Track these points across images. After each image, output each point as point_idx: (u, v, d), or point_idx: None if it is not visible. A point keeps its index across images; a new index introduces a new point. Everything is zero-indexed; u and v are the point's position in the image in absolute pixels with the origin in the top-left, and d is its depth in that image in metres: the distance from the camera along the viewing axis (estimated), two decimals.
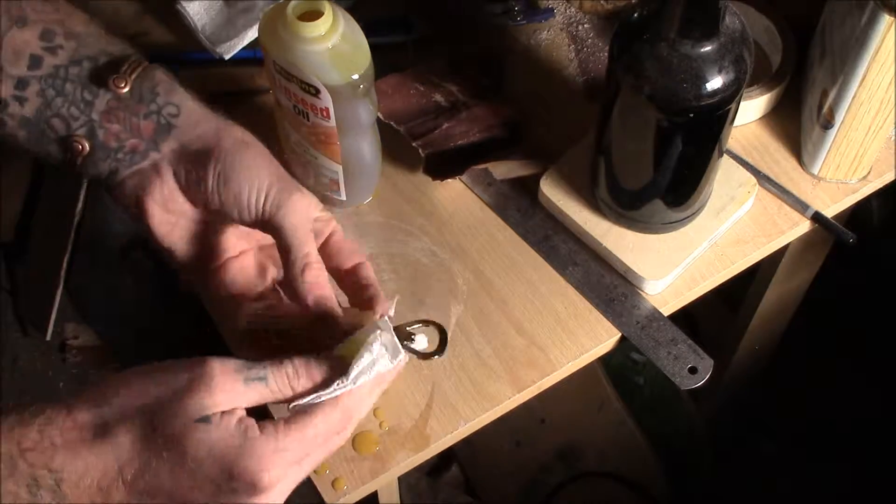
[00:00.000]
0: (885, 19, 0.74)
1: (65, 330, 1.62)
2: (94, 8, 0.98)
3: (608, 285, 0.83)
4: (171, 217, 0.71)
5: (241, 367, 0.58)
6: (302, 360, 0.60)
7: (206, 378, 0.57)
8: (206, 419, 0.56)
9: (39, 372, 1.58)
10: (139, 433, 0.56)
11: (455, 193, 0.88)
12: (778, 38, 0.91)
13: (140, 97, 0.69)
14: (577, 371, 0.82)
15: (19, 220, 1.65)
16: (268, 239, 0.72)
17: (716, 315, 1.34)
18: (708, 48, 0.69)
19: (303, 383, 0.60)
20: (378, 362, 0.62)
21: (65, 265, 1.58)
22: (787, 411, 1.45)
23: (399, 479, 0.85)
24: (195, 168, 0.69)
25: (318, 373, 0.61)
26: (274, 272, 0.75)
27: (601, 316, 0.82)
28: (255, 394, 0.58)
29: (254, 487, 0.57)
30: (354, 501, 0.76)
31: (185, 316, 1.54)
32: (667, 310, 0.83)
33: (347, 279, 0.72)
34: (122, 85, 0.68)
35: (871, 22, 0.75)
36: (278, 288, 0.74)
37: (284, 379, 0.59)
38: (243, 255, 0.74)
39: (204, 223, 0.72)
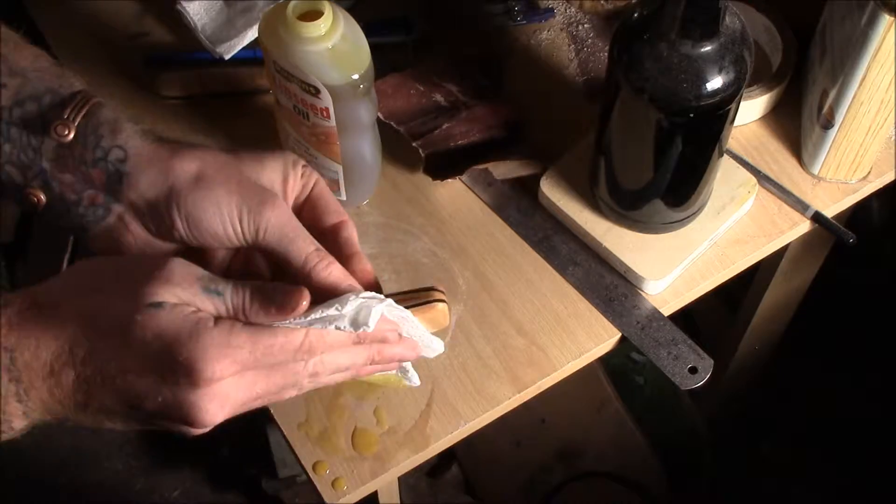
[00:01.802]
0: (885, 19, 0.74)
1: None
2: (95, 8, 0.99)
3: (608, 285, 0.83)
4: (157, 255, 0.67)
5: (203, 276, 0.57)
6: (259, 288, 0.58)
7: (165, 272, 0.56)
8: (157, 304, 0.55)
9: None
10: (88, 312, 0.56)
11: (455, 193, 0.88)
12: (778, 38, 0.91)
13: (85, 142, 0.64)
14: (577, 371, 0.82)
15: (19, 220, 1.65)
16: None
17: (716, 315, 1.34)
18: (708, 48, 0.69)
19: (256, 310, 0.58)
20: (342, 319, 0.59)
21: (65, 265, 1.58)
22: (787, 411, 1.45)
23: (399, 479, 0.85)
24: (159, 217, 0.65)
25: (273, 305, 0.58)
26: None
27: (601, 316, 0.82)
28: (210, 304, 0.57)
29: (195, 376, 0.55)
30: (354, 501, 0.76)
31: None
32: (667, 310, 0.83)
33: (327, 238, 0.67)
34: (66, 133, 0.63)
35: (871, 22, 0.75)
36: None
37: (240, 301, 0.58)
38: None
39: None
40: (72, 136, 0.63)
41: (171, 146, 0.65)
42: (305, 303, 0.57)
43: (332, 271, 0.63)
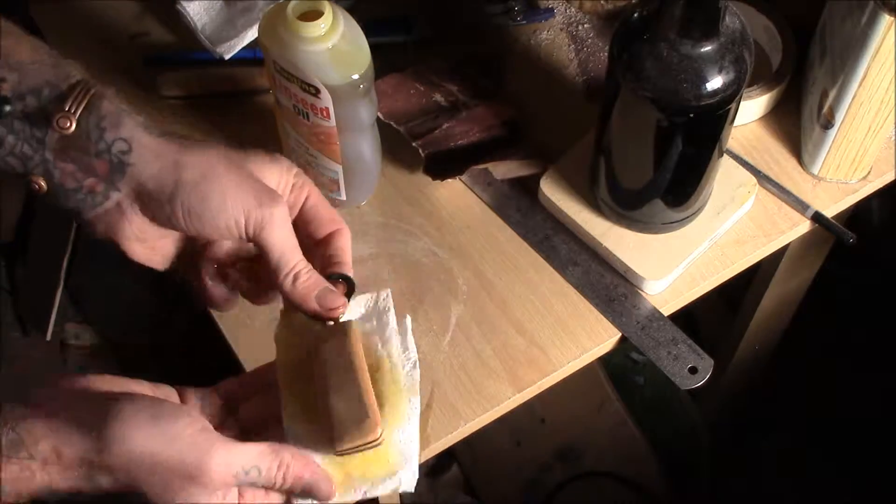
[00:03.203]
0: (885, 19, 0.74)
1: (65, 330, 1.62)
2: (95, 8, 0.99)
3: (608, 285, 0.83)
4: (149, 245, 0.69)
5: (240, 473, 0.59)
6: (297, 468, 0.62)
7: (204, 479, 0.58)
8: None
9: (39, 372, 1.58)
10: (124, 489, 0.58)
11: (455, 193, 0.88)
12: (778, 38, 0.91)
13: (88, 134, 0.65)
14: (577, 371, 0.82)
15: (19, 220, 1.65)
16: None
17: (716, 315, 1.34)
18: (708, 48, 0.69)
19: (288, 486, 0.62)
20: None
21: (65, 265, 1.58)
22: (787, 411, 1.45)
23: None
24: (160, 206, 0.65)
25: (306, 485, 0.62)
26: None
27: (601, 316, 0.82)
28: (243, 485, 0.61)
29: None
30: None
31: (184, 316, 1.54)
32: (667, 310, 0.83)
33: (319, 249, 0.69)
34: (67, 125, 0.64)
35: (871, 22, 0.75)
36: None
37: (272, 480, 0.61)
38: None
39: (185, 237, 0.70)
40: (73, 128, 0.64)
41: (179, 141, 0.66)
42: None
43: (309, 280, 0.66)
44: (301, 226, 0.69)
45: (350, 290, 0.67)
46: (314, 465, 0.63)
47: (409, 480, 0.64)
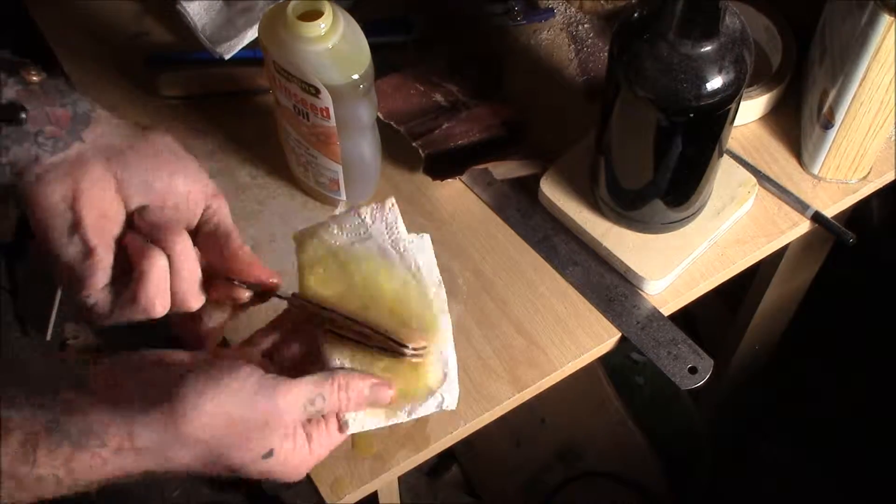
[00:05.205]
0: (885, 19, 0.74)
1: (65, 330, 1.62)
2: (95, 8, 0.99)
3: (608, 285, 0.83)
4: (103, 220, 0.65)
5: (307, 404, 0.61)
6: (355, 384, 0.63)
7: (277, 421, 0.60)
8: (269, 454, 0.60)
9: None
10: (202, 461, 0.59)
11: (455, 193, 0.88)
12: (778, 38, 0.91)
13: (48, 92, 0.64)
14: (577, 371, 0.82)
15: (19, 220, 1.65)
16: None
17: (716, 315, 1.34)
18: (708, 48, 0.69)
19: (353, 405, 0.63)
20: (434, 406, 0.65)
21: None
22: (787, 411, 1.45)
23: (399, 479, 0.85)
24: (130, 164, 0.65)
25: (368, 398, 0.64)
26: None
27: (601, 316, 0.82)
28: (312, 416, 0.62)
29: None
30: (354, 501, 0.76)
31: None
32: (667, 310, 0.83)
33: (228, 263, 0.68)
34: (34, 73, 0.64)
35: (871, 22, 0.75)
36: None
37: (336, 403, 0.62)
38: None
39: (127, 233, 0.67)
40: (38, 80, 0.64)
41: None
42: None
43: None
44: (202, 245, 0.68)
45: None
46: (368, 375, 0.64)
47: (451, 398, 0.64)
